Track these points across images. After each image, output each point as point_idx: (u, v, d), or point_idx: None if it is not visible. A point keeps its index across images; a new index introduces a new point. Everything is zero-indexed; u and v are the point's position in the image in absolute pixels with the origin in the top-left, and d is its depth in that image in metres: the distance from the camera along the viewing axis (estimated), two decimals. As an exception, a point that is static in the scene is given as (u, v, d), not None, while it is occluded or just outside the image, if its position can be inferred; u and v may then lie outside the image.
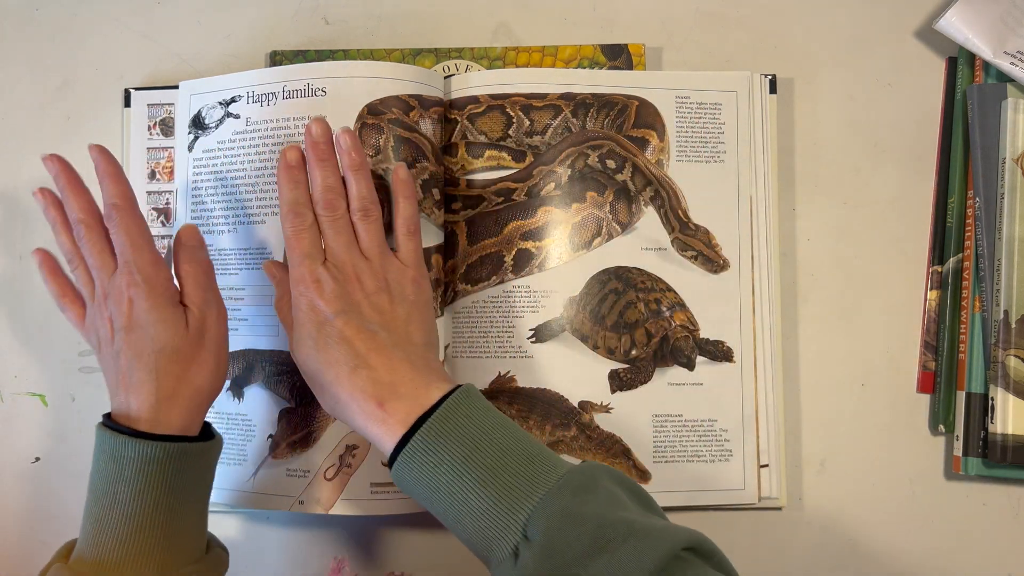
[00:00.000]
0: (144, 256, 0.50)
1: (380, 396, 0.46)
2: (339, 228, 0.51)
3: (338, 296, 0.49)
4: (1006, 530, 0.61)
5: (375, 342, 0.48)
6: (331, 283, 0.49)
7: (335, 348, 0.48)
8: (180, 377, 0.49)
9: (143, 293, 0.49)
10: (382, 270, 0.51)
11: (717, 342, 0.60)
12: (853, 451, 0.61)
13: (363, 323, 0.49)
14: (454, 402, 0.45)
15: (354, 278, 0.50)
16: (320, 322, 0.49)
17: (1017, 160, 0.59)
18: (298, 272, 0.50)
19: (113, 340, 0.49)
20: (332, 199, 0.51)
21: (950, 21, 0.61)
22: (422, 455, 0.44)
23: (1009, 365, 0.57)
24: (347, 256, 0.50)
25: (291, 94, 0.59)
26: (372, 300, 0.50)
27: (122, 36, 0.65)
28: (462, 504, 0.43)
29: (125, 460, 0.45)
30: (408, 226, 0.53)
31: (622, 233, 0.61)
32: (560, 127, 0.62)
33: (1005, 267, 0.58)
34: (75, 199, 0.51)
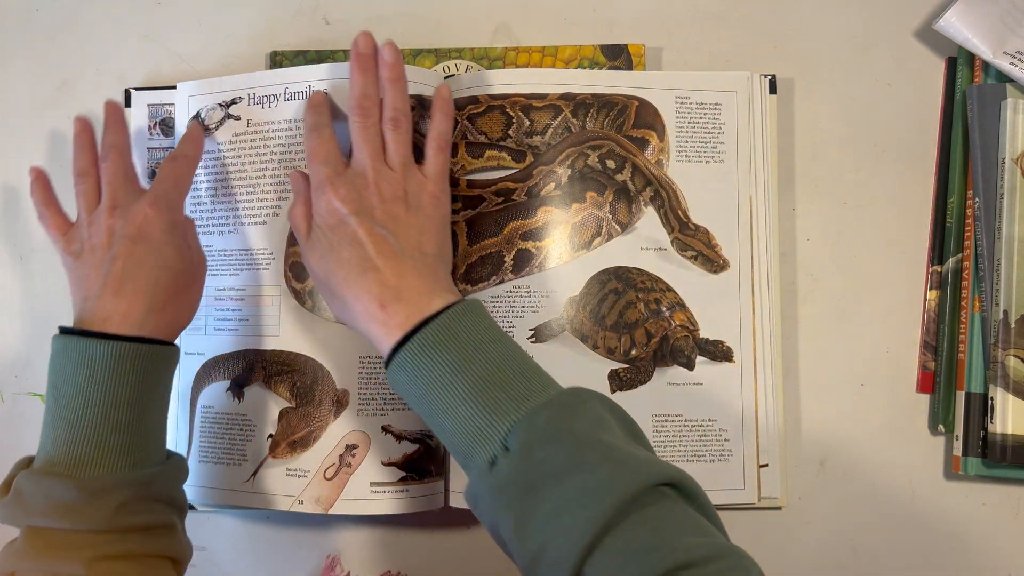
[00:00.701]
0: (177, 195, 0.54)
1: (384, 298, 0.47)
2: (368, 135, 0.53)
3: (354, 199, 0.50)
4: (1006, 530, 0.61)
5: (385, 246, 0.49)
6: (348, 186, 0.51)
7: (347, 248, 0.49)
8: (172, 296, 0.51)
9: (163, 216, 0.51)
10: (403, 180, 0.52)
11: (717, 342, 0.60)
12: (853, 451, 0.61)
13: (375, 226, 0.50)
14: (455, 312, 0.46)
15: (373, 184, 0.51)
16: (335, 223, 0.50)
17: (1017, 160, 0.59)
18: (317, 177, 0.52)
19: (110, 246, 0.51)
20: (368, 106, 0.53)
21: (950, 21, 0.61)
22: (416, 358, 0.45)
23: (1009, 365, 0.57)
24: (371, 163, 0.52)
25: (292, 96, 0.60)
26: (387, 207, 0.51)
27: (122, 36, 0.65)
28: (449, 410, 0.44)
29: (97, 362, 0.47)
30: (439, 142, 0.55)
31: (622, 233, 0.61)
32: (560, 127, 0.62)
33: (1005, 267, 0.58)
34: (117, 130, 0.56)
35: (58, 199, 0.57)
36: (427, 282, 0.49)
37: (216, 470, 0.59)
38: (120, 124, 0.56)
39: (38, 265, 0.64)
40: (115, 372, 0.47)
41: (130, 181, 0.54)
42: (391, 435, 0.57)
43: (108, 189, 0.53)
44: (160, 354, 0.50)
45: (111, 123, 0.56)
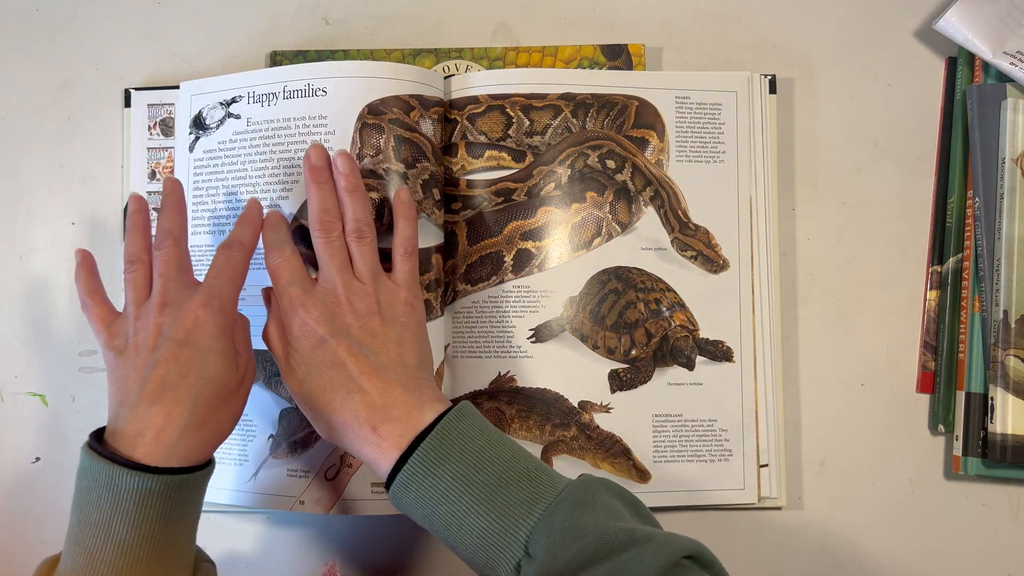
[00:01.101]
0: (231, 292, 0.50)
1: (374, 420, 0.46)
2: (333, 250, 0.51)
3: (328, 318, 0.49)
4: (1006, 530, 0.61)
5: (367, 365, 0.48)
6: (319, 307, 0.49)
7: (327, 372, 0.48)
8: (213, 412, 0.47)
9: (215, 319, 0.48)
10: (374, 292, 0.51)
11: (717, 342, 0.60)
12: (853, 451, 0.61)
13: (354, 345, 0.48)
14: (449, 422, 0.45)
15: (345, 300, 0.50)
16: (312, 346, 0.48)
17: (1017, 160, 0.59)
18: (286, 300, 0.50)
19: (155, 348, 0.47)
20: (328, 221, 0.51)
21: (950, 21, 0.61)
22: (419, 477, 0.44)
23: (1009, 365, 0.57)
24: (339, 277, 0.50)
25: (292, 94, 0.60)
26: (363, 323, 0.49)
27: (122, 36, 0.65)
28: (462, 524, 0.43)
29: (123, 492, 0.43)
30: (406, 247, 0.53)
31: (622, 233, 0.61)
32: (560, 127, 0.62)
33: (1005, 267, 0.58)
34: (174, 214, 0.52)
35: (103, 288, 0.53)
36: (414, 395, 0.47)
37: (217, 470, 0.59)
38: (178, 207, 0.52)
39: (38, 265, 0.64)
40: (141, 505, 0.44)
41: (184, 273, 0.51)
42: (391, 435, 0.57)
43: (160, 282, 0.50)
44: (191, 482, 0.46)
45: (168, 205, 0.52)
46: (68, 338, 0.63)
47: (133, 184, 0.63)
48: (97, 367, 0.63)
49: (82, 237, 0.64)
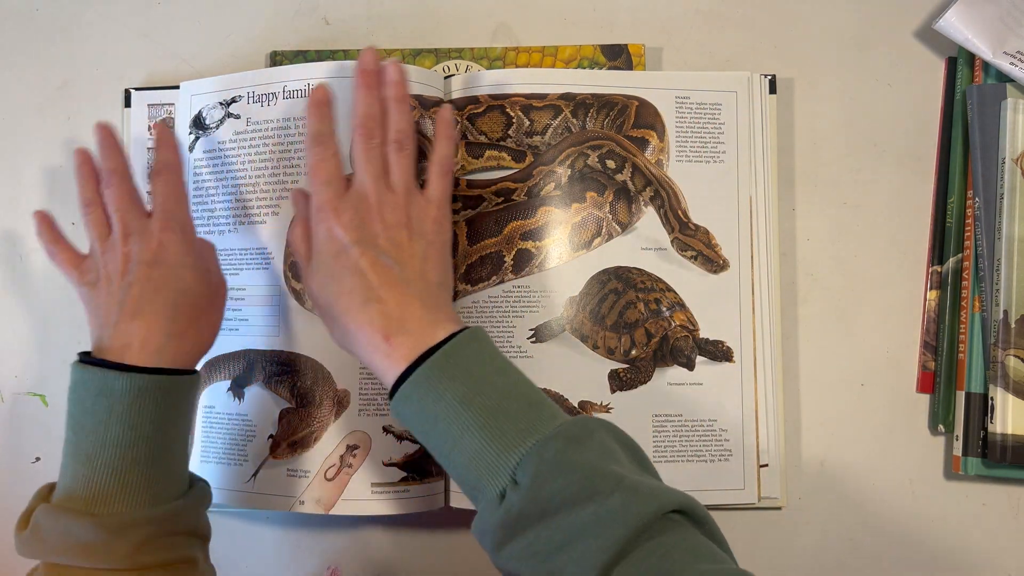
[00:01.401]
0: (183, 211, 0.52)
1: (388, 330, 0.46)
2: (372, 156, 0.51)
3: (357, 225, 0.49)
4: (1006, 530, 0.61)
5: (389, 276, 0.48)
6: (351, 211, 0.49)
7: (349, 278, 0.48)
8: (192, 321, 0.50)
9: (178, 238, 0.50)
10: (406, 204, 0.51)
11: (717, 342, 0.60)
12: (853, 451, 0.61)
13: (379, 255, 0.48)
14: (460, 342, 0.46)
15: (376, 209, 0.50)
16: (336, 251, 0.49)
17: (1017, 160, 0.59)
18: (319, 199, 0.50)
19: (125, 273, 0.49)
20: (371, 127, 0.52)
21: (950, 21, 0.61)
22: (422, 390, 0.45)
23: (1009, 365, 0.57)
24: (373, 186, 0.50)
25: (292, 94, 0.60)
26: (391, 233, 0.49)
27: (122, 36, 0.65)
28: (456, 442, 0.44)
29: (116, 394, 0.45)
30: (443, 166, 0.54)
31: (622, 233, 0.61)
32: (560, 127, 0.62)
33: (1005, 267, 0.58)
34: (113, 154, 0.53)
35: (65, 236, 0.55)
36: (431, 311, 0.48)
37: (217, 470, 0.59)
38: (115, 147, 0.54)
39: (38, 265, 0.64)
40: (135, 405, 0.46)
41: (137, 205, 0.52)
42: (392, 435, 0.57)
43: (117, 215, 0.51)
44: (181, 384, 0.48)
45: (106, 147, 0.54)
46: (68, 338, 0.63)
47: (133, 184, 0.63)
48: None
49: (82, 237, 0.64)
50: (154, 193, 0.52)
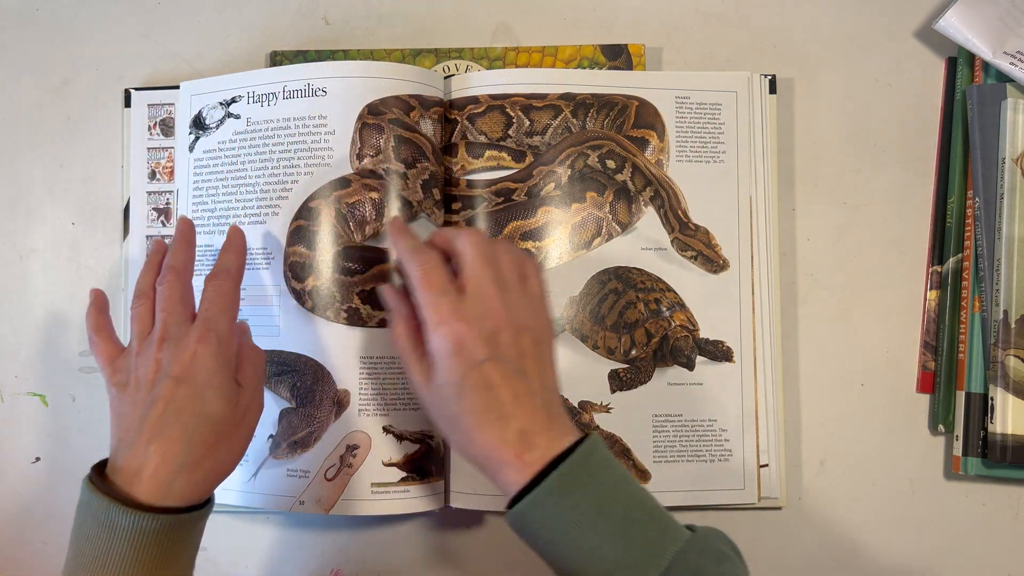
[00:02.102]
0: (226, 322, 0.49)
1: (519, 447, 0.45)
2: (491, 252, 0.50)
3: (487, 338, 0.47)
4: (1006, 530, 0.61)
5: (518, 389, 0.46)
6: (477, 322, 0.47)
7: (479, 395, 0.46)
8: (211, 449, 0.46)
9: (212, 353, 0.47)
10: (524, 306, 0.49)
11: (717, 342, 0.60)
12: (853, 451, 0.61)
13: (508, 368, 0.47)
14: (588, 449, 0.45)
15: (503, 315, 0.48)
16: (466, 369, 0.46)
17: (1017, 160, 0.59)
18: (440, 312, 0.47)
19: (153, 385, 0.47)
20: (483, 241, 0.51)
21: (950, 21, 0.61)
22: (555, 498, 0.44)
23: (1009, 365, 0.57)
24: (496, 288, 0.48)
25: (292, 94, 0.60)
26: (517, 341, 0.48)
27: (122, 36, 0.65)
28: (593, 553, 0.43)
29: (117, 530, 0.43)
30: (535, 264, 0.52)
31: (622, 233, 0.61)
32: (560, 127, 0.62)
33: (1005, 267, 0.58)
34: (181, 250, 0.52)
35: (112, 325, 0.53)
36: (556, 422, 0.47)
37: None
38: (187, 244, 0.52)
39: (38, 265, 0.64)
40: (136, 543, 0.43)
41: (185, 308, 0.50)
42: (392, 435, 0.57)
43: (161, 316, 0.49)
44: (185, 523, 0.45)
45: (178, 241, 0.52)
46: (68, 338, 0.63)
47: (133, 184, 0.63)
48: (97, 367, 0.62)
49: (82, 237, 0.64)
50: (203, 297, 0.50)
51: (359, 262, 0.58)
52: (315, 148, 0.59)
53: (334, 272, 0.57)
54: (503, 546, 0.61)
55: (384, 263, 0.58)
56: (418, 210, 0.59)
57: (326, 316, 0.58)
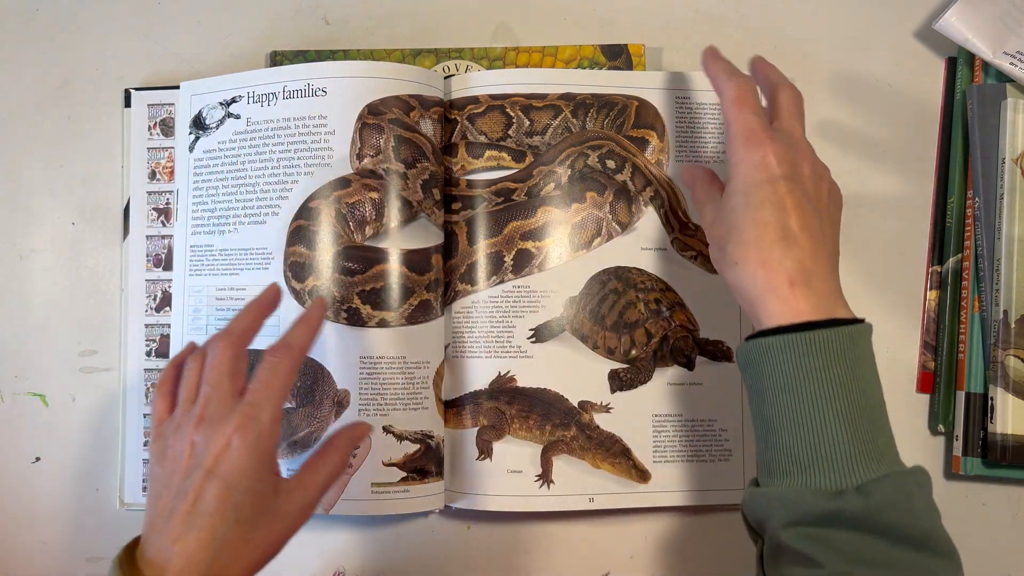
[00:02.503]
0: (272, 411, 0.45)
1: (795, 277, 0.44)
2: (802, 113, 0.51)
3: (790, 161, 0.47)
4: (1006, 530, 0.61)
5: (808, 222, 0.45)
6: (784, 146, 0.47)
7: (769, 210, 0.45)
8: (239, 553, 0.43)
9: (249, 445, 0.43)
10: (822, 164, 0.49)
11: (717, 342, 0.60)
12: (853, 451, 0.61)
13: (804, 197, 0.46)
14: (860, 332, 0.44)
15: (806, 155, 0.48)
16: (763, 180, 0.46)
17: (1017, 160, 0.59)
18: (751, 125, 0.48)
19: (187, 472, 0.43)
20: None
21: (950, 21, 0.61)
22: (813, 351, 0.43)
23: (1009, 365, 0.57)
24: (802, 136, 0.49)
25: (292, 94, 0.60)
26: (816, 183, 0.48)
27: (122, 36, 0.65)
28: (815, 419, 0.42)
29: None
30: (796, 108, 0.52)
31: (622, 233, 0.61)
32: (560, 127, 0.62)
33: (1005, 267, 0.58)
34: (247, 317, 0.49)
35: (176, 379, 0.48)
36: (834, 281, 0.46)
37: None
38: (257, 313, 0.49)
39: (38, 265, 0.64)
40: None
41: (233, 381, 0.45)
42: (392, 435, 0.57)
43: (204, 390, 0.45)
44: None
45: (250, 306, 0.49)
46: (68, 338, 0.63)
47: (133, 184, 0.63)
48: (97, 367, 0.63)
49: (82, 237, 0.64)
50: (256, 373, 0.46)
51: (359, 262, 0.58)
52: (315, 148, 0.59)
53: (334, 272, 0.58)
54: (503, 546, 0.61)
55: (384, 263, 0.58)
56: (418, 210, 0.59)
57: (326, 316, 0.58)
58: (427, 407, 0.58)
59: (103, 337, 0.63)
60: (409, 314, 0.58)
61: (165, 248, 0.62)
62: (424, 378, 0.58)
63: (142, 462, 0.61)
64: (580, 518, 0.61)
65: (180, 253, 0.62)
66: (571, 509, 0.59)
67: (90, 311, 0.63)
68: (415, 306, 0.58)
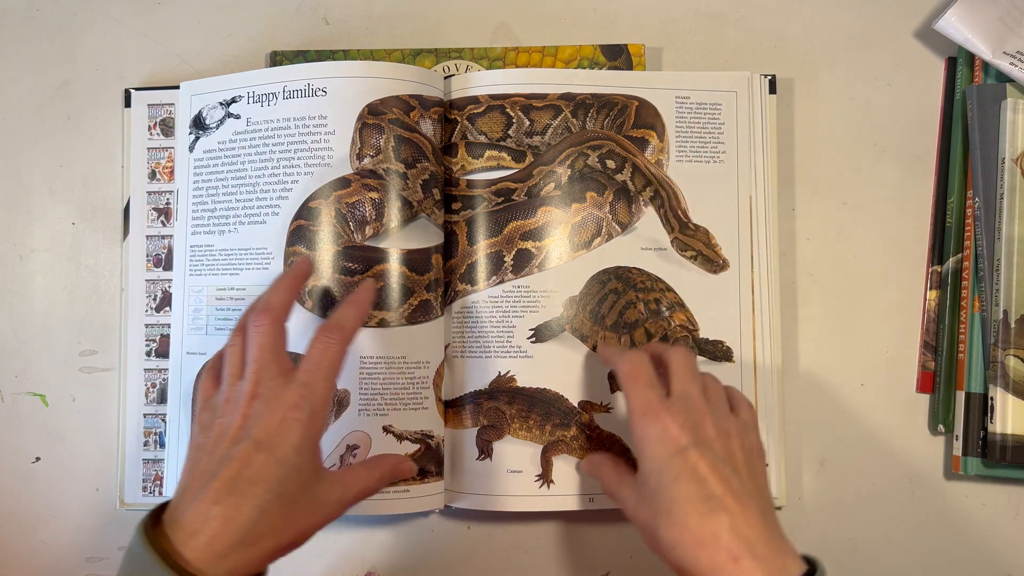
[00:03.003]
0: (324, 392, 0.46)
1: (736, 550, 0.42)
2: (695, 371, 0.49)
3: (692, 427, 0.46)
4: (1005, 530, 0.61)
5: (730, 484, 0.44)
6: (683, 413, 0.46)
7: (686, 484, 0.44)
8: (275, 528, 0.43)
9: (302, 425, 0.44)
10: (730, 418, 0.48)
11: (717, 342, 0.60)
12: (853, 451, 0.61)
13: (717, 459, 0.45)
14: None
15: (708, 414, 0.47)
16: (671, 453, 0.45)
17: (1016, 160, 0.59)
18: (645, 401, 0.47)
19: (235, 442, 0.44)
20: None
21: (949, 21, 0.61)
22: None
23: (1008, 365, 0.57)
24: (699, 396, 0.48)
25: (292, 94, 0.60)
26: (724, 441, 0.46)
27: (122, 36, 0.65)
28: None
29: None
30: (741, 399, 0.51)
31: (622, 233, 0.61)
32: (560, 127, 0.62)
33: (1004, 267, 0.58)
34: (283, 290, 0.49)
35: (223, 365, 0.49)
36: (775, 536, 0.43)
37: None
38: (292, 285, 0.49)
39: (38, 265, 0.64)
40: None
41: (280, 362, 0.46)
42: (392, 435, 0.57)
43: (253, 368, 0.46)
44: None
45: (284, 279, 0.49)
46: (68, 338, 0.63)
47: (133, 184, 0.63)
48: (97, 367, 0.63)
49: (82, 237, 0.64)
50: (308, 353, 0.47)
51: (359, 262, 0.58)
52: (315, 148, 0.59)
53: (334, 272, 0.58)
54: (503, 546, 0.61)
55: (384, 263, 0.58)
56: (418, 210, 0.59)
57: (326, 316, 0.58)
58: (427, 407, 0.58)
59: (103, 337, 0.63)
60: (409, 314, 0.58)
61: (165, 248, 0.62)
62: (424, 378, 0.58)
63: (142, 462, 0.61)
64: (580, 518, 0.61)
65: (180, 253, 0.62)
66: (571, 509, 0.59)
67: (90, 311, 0.63)
68: (415, 306, 0.58)
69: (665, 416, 0.46)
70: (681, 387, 0.48)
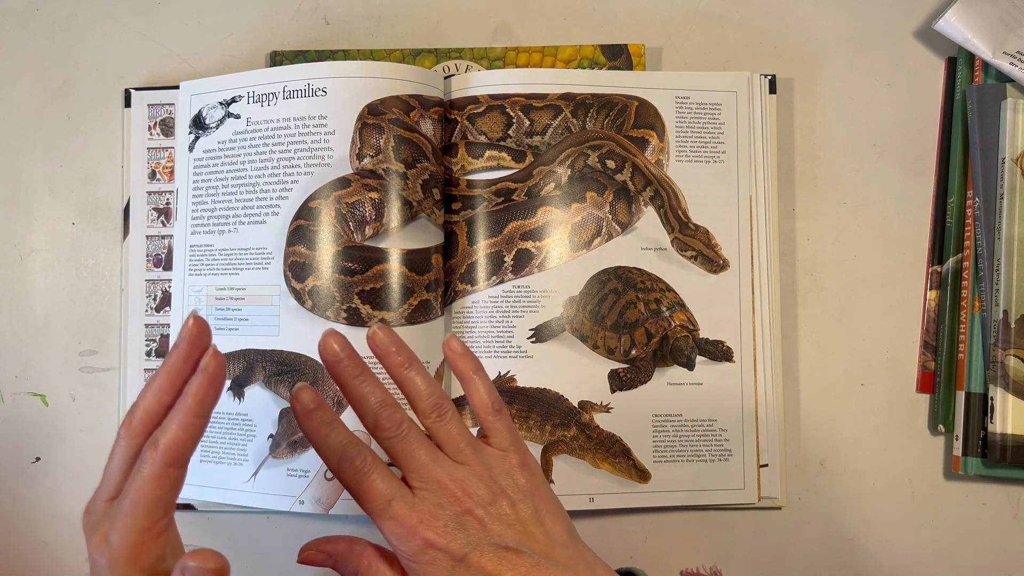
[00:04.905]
0: (132, 524, 0.36)
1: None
2: (414, 443, 0.42)
3: (455, 528, 0.40)
4: (1005, 530, 0.61)
5: (523, 564, 0.40)
6: (436, 515, 0.41)
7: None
8: None
9: (100, 560, 0.36)
10: (485, 469, 0.42)
11: (717, 342, 0.60)
12: (853, 451, 0.61)
13: (498, 547, 0.40)
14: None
15: (462, 495, 0.41)
16: (449, 568, 0.40)
17: (1016, 160, 0.59)
18: (394, 524, 0.41)
19: None
20: (391, 415, 0.42)
21: (949, 21, 0.61)
22: None
23: (1008, 365, 0.57)
24: (439, 470, 0.42)
25: (291, 94, 0.60)
26: (492, 512, 0.41)
27: (122, 36, 0.65)
28: None
29: None
30: (492, 404, 0.45)
31: (622, 233, 0.61)
32: (560, 127, 0.62)
33: (1004, 267, 0.58)
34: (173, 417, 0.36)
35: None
36: (580, 554, 0.42)
37: (217, 470, 0.59)
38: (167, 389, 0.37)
39: (38, 265, 0.64)
40: None
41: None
42: (391, 435, 0.57)
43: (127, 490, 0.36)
44: None
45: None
46: (68, 338, 0.63)
47: (133, 184, 0.63)
48: (97, 367, 0.63)
49: (82, 237, 0.64)
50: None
51: (359, 262, 0.58)
52: (315, 148, 0.59)
53: (334, 272, 0.58)
54: (503, 546, 0.61)
55: (384, 263, 0.58)
56: (418, 210, 0.59)
57: (326, 316, 0.58)
58: (427, 407, 0.58)
59: (103, 337, 0.63)
60: (409, 314, 0.58)
61: (165, 248, 0.62)
62: (424, 378, 0.58)
63: (142, 462, 0.61)
64: (580, 518, 0.61)
65: (180, 253, 0.62)
66: (571, 509, 0.59)
67: (90, 311, 0.63)
68: (415, 306, 0.58)
69: (422, 531, 0.40)
70: (417, 475, 0.41)
